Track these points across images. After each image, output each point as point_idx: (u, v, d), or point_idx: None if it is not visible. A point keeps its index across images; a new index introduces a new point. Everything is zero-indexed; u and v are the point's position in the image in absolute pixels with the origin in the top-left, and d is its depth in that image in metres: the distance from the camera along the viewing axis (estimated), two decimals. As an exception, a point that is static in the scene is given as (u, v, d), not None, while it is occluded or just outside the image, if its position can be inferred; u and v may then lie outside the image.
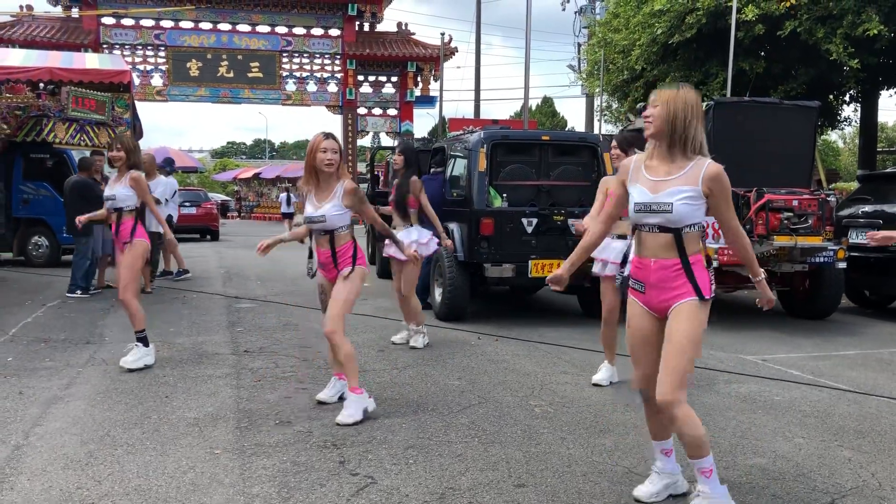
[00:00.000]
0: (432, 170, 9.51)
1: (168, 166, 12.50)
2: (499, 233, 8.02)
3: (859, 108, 17.17)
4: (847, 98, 16.88)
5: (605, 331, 5.73)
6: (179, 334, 7.39)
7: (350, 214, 4.76)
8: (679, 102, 3.12)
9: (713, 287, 3.21)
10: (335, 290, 4.72)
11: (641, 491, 3.49)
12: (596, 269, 5.73)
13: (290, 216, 26.43)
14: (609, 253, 5.59)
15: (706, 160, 3.14)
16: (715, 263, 3.97)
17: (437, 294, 8.46)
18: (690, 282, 3.15)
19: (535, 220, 8.11)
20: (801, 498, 3.55)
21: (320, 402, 4.94)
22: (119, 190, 6.07)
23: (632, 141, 5.51)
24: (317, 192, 4.72)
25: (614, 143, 5.62)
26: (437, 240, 7.10)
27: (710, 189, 3.11)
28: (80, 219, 6.78)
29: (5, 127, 12.23)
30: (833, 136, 38.01)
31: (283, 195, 27.97)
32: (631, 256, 3.44)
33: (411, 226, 6.99)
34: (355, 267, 4.73)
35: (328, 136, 4.69)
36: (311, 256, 4.95)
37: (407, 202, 6.96)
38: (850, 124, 19.65)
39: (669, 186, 3.14)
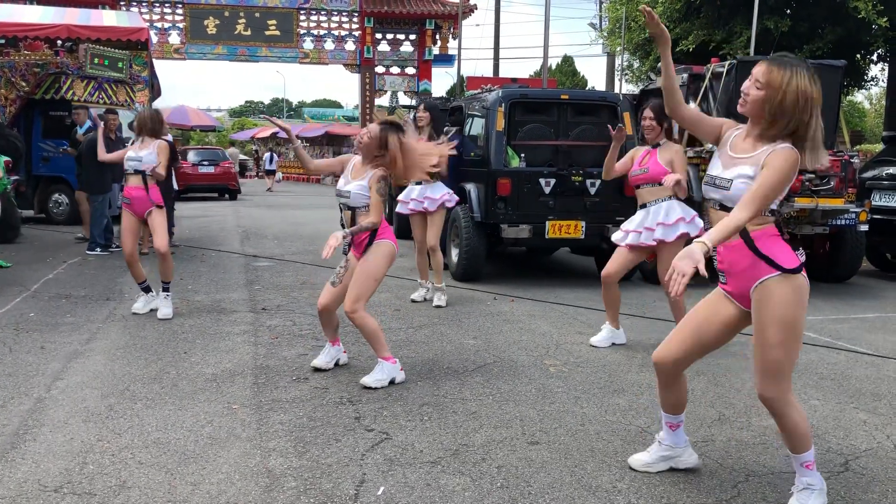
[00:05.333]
0: (445, 128, 9.47)
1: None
2: (516, 193, 7.98)
3: (887, 68, 16.80)
4: (875, 57, 16.51)
5: (604, 292, 5.69)
6: (198, 292, 7.46)
7: None
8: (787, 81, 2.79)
9: (801, 256, 2.87)
10: (358, 266, 4.60)
11: (635, 459, 3.41)
12: (615, 237, 5.69)
13: (272, 173, 31.08)
14: (629, 223, 5.56)
15: (783, 144, 2.79)
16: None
17: (454, 254, 8.46)
18: (758, 255, 2.83)
19: (552, 181, 8.04)
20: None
21: (316, 370, 4.82)
22: (145, 155, 6.32)
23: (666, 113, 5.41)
24: (358, 167, 4.69)
25: (650, 112, 5.43)
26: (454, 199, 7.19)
27: (765, 163, 2.77)
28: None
29: (24, 84, 12.25)
30: (859, 96, 37.26)
31: (268, 154, 32.23)
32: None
33: (435, 182, 7.06)
34: (375, 242, 4.58)
35: (378, 123, 4.63)
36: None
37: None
38: (876, 84, 19.27)
39: (738, 164, 2.89)
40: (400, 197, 7.31)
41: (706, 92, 8.98)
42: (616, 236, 5.70)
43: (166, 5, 27.93)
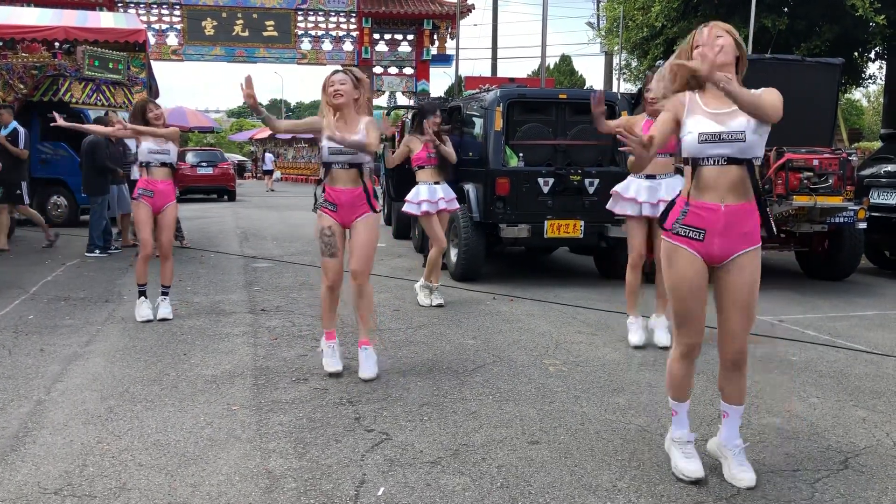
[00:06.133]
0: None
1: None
2: (515, 193, 7.98)
3: (884, 66, 16.81)
4: (872, 55, 16.52)
5: (632, 278, 5.58)
6: (197, 293, 7.45)
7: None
8: (737, 34, 3.13)
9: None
10: (363, 236, 4.68)
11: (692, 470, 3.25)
12: (623, 209, 5.62)
13: (269, 173, 32.71)
14: (638, 193, 5.50)
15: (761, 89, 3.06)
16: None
17: (453, 254, 8.46)
18: (764, 220, 3.05)
19: (551, 180, 8.05)
20: (814, 457, 3.55)
21: (331, 375, 4.72)
22: (171, 147, 6.32)
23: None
24: (342, 125, 4.56)
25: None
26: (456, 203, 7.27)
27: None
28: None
29: (22, 87, 12.25)
30: (857, 94, 37.31)
31: (268, 155, 34.51)
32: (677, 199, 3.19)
33: (442, 183, 7.17)
34: (368, 213, 4.69)
35: (336, 71, 4.62)
36: (321, 190, 4.76)
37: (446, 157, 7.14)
38: (874, 82, 19.29)
39: (737, 117, 3.01)
40: (424, 197, 7.05)
41: (704, 90, 8.97)
42: (627, 208, 5.55)
43: (164, 7, 27.90)
